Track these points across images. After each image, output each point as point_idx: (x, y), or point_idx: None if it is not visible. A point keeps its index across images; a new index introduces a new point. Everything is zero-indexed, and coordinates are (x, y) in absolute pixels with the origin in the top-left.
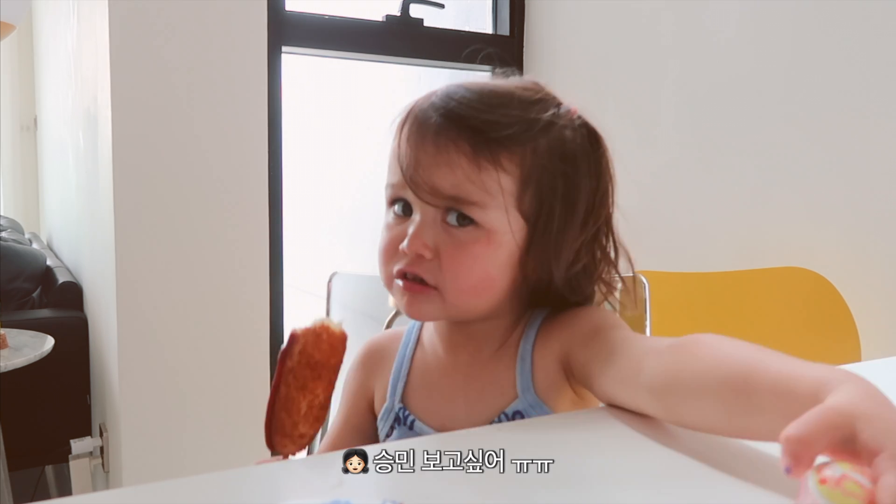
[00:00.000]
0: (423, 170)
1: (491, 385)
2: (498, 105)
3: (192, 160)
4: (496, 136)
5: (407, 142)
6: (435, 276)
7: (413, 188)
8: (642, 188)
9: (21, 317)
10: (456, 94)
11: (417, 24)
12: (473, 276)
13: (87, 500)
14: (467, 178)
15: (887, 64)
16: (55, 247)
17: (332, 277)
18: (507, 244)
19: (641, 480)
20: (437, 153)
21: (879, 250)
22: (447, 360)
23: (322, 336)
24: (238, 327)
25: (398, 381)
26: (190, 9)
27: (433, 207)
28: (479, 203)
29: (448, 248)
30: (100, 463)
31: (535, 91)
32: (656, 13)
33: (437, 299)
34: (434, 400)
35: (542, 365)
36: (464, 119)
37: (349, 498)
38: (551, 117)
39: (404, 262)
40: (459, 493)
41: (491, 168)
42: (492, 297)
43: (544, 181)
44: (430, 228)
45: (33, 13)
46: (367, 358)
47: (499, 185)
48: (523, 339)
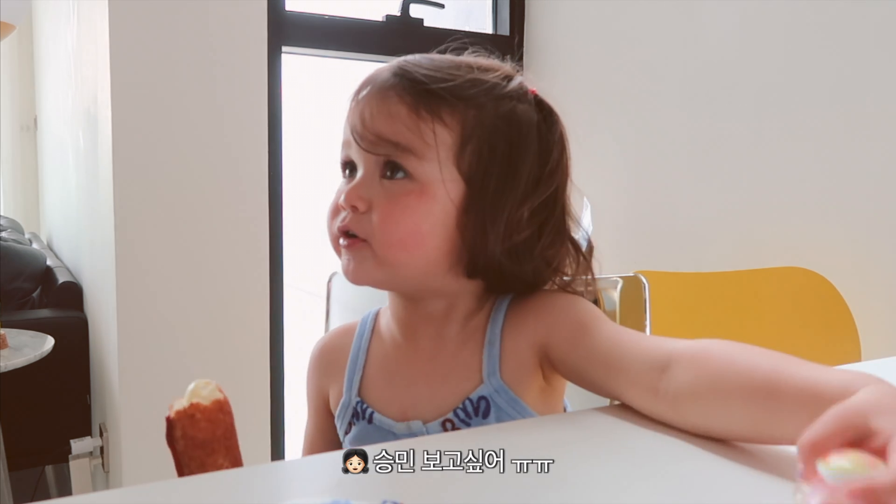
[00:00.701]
0: (366, 120)
1: (455, 370)
2: (448, 66)
3: (192, 160)
4: (438, 87)
5: (356, 101)
6: (366, 229)
7: (357, 139)
8: (642, 187)
9: (21, 317)
10: (411, 58)
11: (417, 24)
12: (402, 227)
13: (87, 500)
14: (406, 125)
15: (887, 64)
16: (55, 247)
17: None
18: (442, 200)
19: (642, 480)
20: (380, 104)
21: (879, 250)
22: (407, 346)
23: (196, 416)
24: (238, 327)
25: (354, 375)
26: (190, 9)
27: (373, 163)
28: (414, 152)
29: (380, 200)
30: (100, 463)
31: (494, 66)
32: (656, 13)
33: (368, 254)
34: (394, 388)
35: (513, 349)
36: (410, 73)
37: (349, 498)
38: (500, 83)
39: (342, 217)
40: (459, 493)
41: (429, 118)
42: (422, 254)
43: (484, 139)
44: (368, 184)
45: (33, 13)
46: (319, 359)
47: (434, 136)
48: (490, 322)
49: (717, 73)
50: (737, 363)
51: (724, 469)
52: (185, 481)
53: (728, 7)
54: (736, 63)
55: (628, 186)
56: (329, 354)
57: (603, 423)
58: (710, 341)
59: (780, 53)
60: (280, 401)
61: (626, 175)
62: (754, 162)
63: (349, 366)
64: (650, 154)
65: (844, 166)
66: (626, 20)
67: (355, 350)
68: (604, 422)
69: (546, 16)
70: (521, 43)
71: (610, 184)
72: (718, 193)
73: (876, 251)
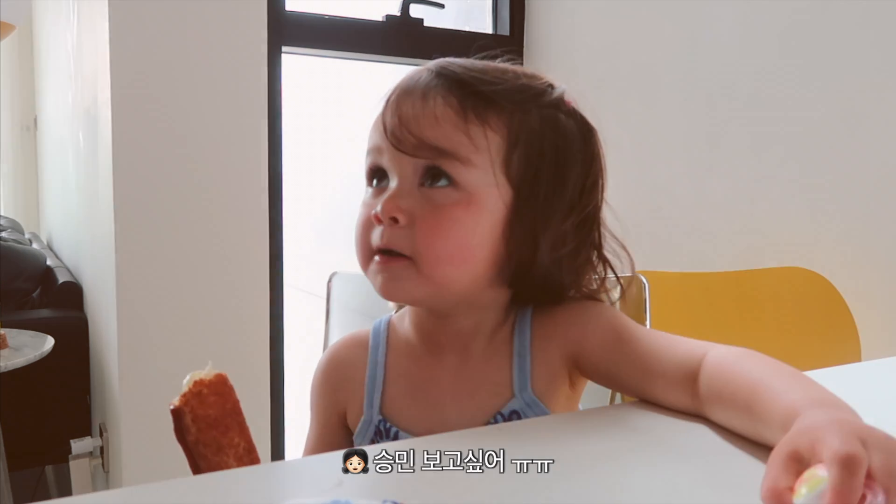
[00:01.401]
0: (407, 122)
1: (482, 385)
2: (493, 70)
3: (192, 160)
4: (485, 90)
5: (392, 104)
6: (409, 245)
7: (394, 143)
8: (642, 187)
9: (21, 317)
10: (451, 60)
11: (417, 24)
12: (450, 241)
13: (87, 500)
14: (452, 129)
15: (887, 63)
16: (55, 247)
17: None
18: (491, 211)
19: (642, 480)
20: (423, 106)
21: (879, 250)
22: (431, 363)
23: (202, 392)
24: (238, 327)
25: (374, 392)
26: (190, 9)
27: (411, 170)
28: (463, 159)
29: (424, 212)
30: (100, 463)
31: (538, 74)
32: (656, 13)
33: (411, 273)
34: (419, 406)
35: (543, 361)
36: (455, 75)
37: (349, 498)
38: (546, 90)
39: (379, 233)
40: (459, 493)
41: (478, 122)
42: (471, 270)
43: (533, 144)
44: (407, 193)
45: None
46: (331, 372)
47: (485, 140)
48: (517, 335)
49: (717, 73)
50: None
51: (726, 469)
52: (185, 481)
53: (728, 7)
54: (736, 63)
55: (628, 186)
56: (341, 369)
57: (603, 423)
58: (727, 350)
59: (779, 53)
60: (280, 401)
61: (626, 175)
62: (754, 162)
63: (367, 382)
64: (650, 154)
65: (844, 166)
66: (627, 20)
67: (372, 365)
68: (604, 421)
69: (546, 16)
70: (521, 43)
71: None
72: (718, 193)
73: (876, 251)
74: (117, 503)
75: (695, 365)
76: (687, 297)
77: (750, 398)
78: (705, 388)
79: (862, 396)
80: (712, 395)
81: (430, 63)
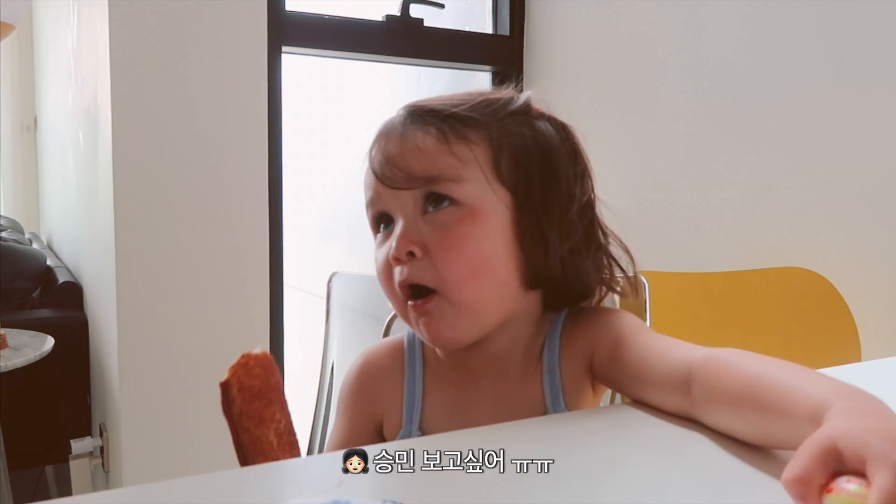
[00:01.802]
0: (393, 161)
1: (520, 405)
2: (458, 96)
3: (192, 160)
4: (458, 111)
5: (375, 151)
6: (431, 274)
7: (387, 182)
8: (642, 187)
9: (21, 317)
10: (418, 100)
11: (417, 24)
12: (465, 257)
13: (87, 500)
14: (437, 153)
15: (888, 63)
16: (55, 247)
17: (332, 277)
18: (495, 217)
19: (642, 480)
20: (403, 143)
21: (879, 250)
22: (467, 387)
23: (249, 364)
24: (238, 327)
25: (413, 407)
26: (190, 9)
27: (412, 204)
28: (453, 178)
29: (435, 238)
30: (100, 463)
31: (499, 90)
32: (656, 13)
33: (444, 306)
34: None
35: (570, 374)
36: (425, 108)
37: (349, 498)
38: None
39: (399, 272)
40: (459, 493)
41: (459, 140)
42: (494, 280)
43: (517, 145)
44: (414, 226)
45: (33, 13)
46: (368, 380)
47: (471, 153)
48: (546, 349)
49: (717, 73)
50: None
51: (727, 468)
52: (185, 481)
53: (728, 7)
54: (736, 62)
55: (628, 186)
56: (380, 379)
57: (603, 423)
58: (718, 351)
59: (780, 53)
60: None
61: (626, 175)
62: (754, 162)
63: (406, 397)
64: (650, 154)
65: (845, 166)
66: (627, 20)
67: (410, 379)
68: (604, 421)
69: (546, 16)
70: (521, 43)
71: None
72: (718, 193)
73: (876, 251)
74: (117, 503)
75: (686, 369)
76: (687, 297)
77: (758, 395)
78: (700, 392)
79: None
80: (708, 397)
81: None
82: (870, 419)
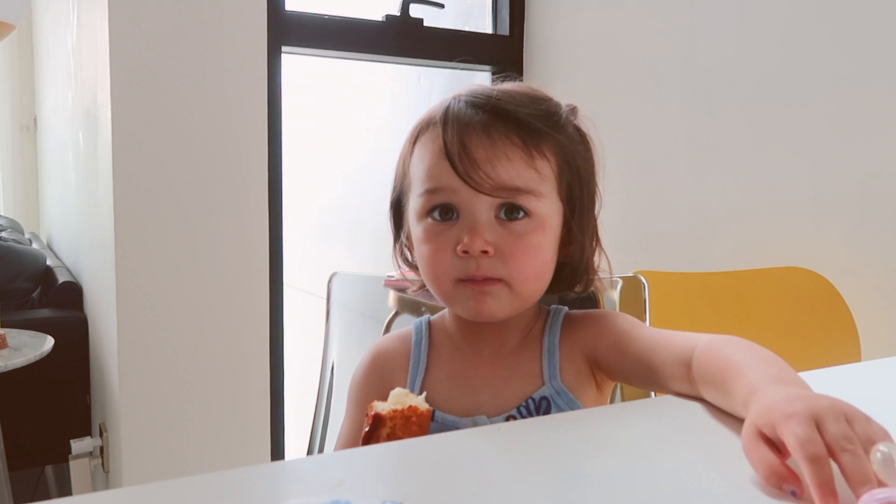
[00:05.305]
0: (482, 164)
1: (516, 374)
2: (528, 101)
3: (191, 160)
4: (538, 126)
5: (451, 142)
6: (502, 271)
7: (473, 185)
8: (642, 187)
9: (21, 317)
10: (492, 93)
11: (417, 24)
12: (536, 264)
13: (87, 500)
14: (525, 167)
15: (887, 63)
16: (55, 247)
17: (332, 277)
18: (554, 229)
19: (642, 480)
20: (492, 147)
21: (879, 250)
22: (470, 353)
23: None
24: (238, 327)
25: (416, 376)
26: (190, 9)
27: (488, 206)
28: (536, 193)
29: (508, 243)
30: (100, 463)
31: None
32: (656, 13)
33: (505, 292)
34: (458, 390)
35: (569, 357)
36: (509, 113)
37: (349, 498)
38: (560, 107)
39: (467, 265)
40: (460, 493)
41: (539, 157)
42: (547, 281)
43: (572, 162)
44: (487, 228)
45: (33, 13)
46: (379, 366)
47: (549, 170)
48: (547, 332)
49: (717, 73)
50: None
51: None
52: (185, 481)
53: (727, 7)
54: (735, 62)
55: (628, 186)
56: (389, 361)
57: (603, 423)
58: (716, 338)
59: (779, 53)
60: (280, 401)
61: (626, 174)
62: (754, 161)
63: (411, 369)
64: (650, 153)
65: (844, 166)
66: (626, 20)
67: (416, 355)
68: (605, 421)
69: (546, 16)
70: (521, 43)
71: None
72: (718, 193)
73: (876, 251)
74: (117, 503)
75: (689, 355)
76: (686, 297)
77: (724, 378)
78: (696, 374)
79: (862, 396)
80: (700, 379)
81: (460, 98)
82: (780, 391)
